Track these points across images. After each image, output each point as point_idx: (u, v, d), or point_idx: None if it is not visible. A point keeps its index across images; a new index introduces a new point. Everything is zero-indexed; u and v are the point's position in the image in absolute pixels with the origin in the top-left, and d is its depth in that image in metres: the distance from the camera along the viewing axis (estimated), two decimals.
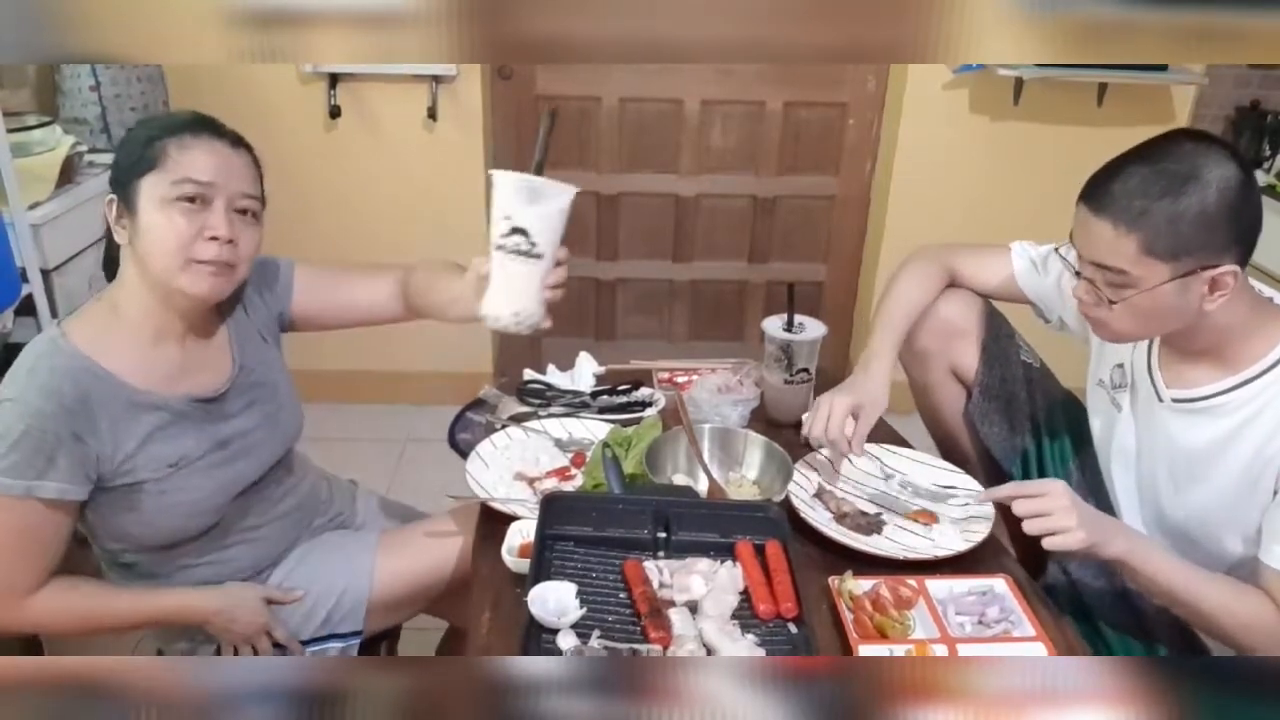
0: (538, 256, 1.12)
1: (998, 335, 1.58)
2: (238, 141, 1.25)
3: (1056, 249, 1.28)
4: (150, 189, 1.17)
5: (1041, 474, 1.54)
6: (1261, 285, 1.29)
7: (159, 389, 1.23)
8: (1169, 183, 1.13)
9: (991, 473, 1.57)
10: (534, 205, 1.12)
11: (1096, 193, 1.18)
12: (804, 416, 1.56)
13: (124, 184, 1.18)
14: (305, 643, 1.39)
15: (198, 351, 1.29)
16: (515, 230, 1.11)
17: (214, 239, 1.18)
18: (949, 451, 1.68)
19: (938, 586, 1.18)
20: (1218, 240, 1.13)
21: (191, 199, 1.17)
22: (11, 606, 1.18)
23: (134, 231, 1.18)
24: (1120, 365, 1.39)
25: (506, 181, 1.11)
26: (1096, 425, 1.46)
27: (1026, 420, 1.57)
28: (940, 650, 1.08)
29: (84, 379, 1.17)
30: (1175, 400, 1.29)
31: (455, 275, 1.33)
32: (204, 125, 1.21)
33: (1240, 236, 1.15)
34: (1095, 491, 1.47)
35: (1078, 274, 1.24)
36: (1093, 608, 1.40)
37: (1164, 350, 1.32)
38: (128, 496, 1.21)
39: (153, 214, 1.16)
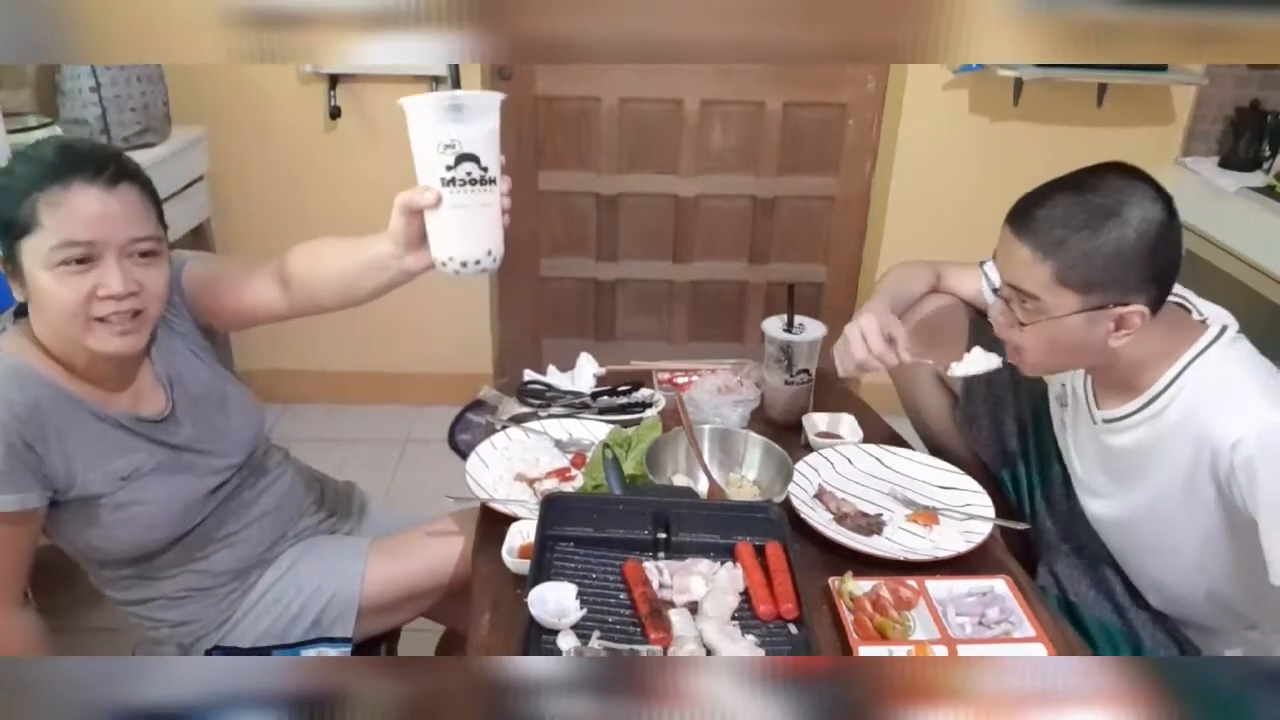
0: (491, 181, 1.01)
1: (982, 338, 1.58)
2: (119, 175, 1.12)
3: (982, 264, 1.31)
4: (32, 253, 1.09)
5: (1028, 475, 1.55)
6: (1184, 294, 1.30)
7: (102, 403, 1.21)
8: (1090, 216, 1.15)
9: (981, 474, 1.57)
10: (471, 124, 0.98)
11: (1021, 216, 1.21)
12: (841, 371, 1.49)
13: (6, 243, 1.11)
14: (295, 645, 1.39)
15: (132, 375, 1.26)
16: (464, 157, 0.98)
17: (110, 297, 1.10)
18: (938, 455, 1.68)
19: (938, 587, 1.18)
20: (1130, 279, 1.15)
21: (79, 259, 1.09)
22: None
23: (28, 293, 1.13)
24: (1064, 384, 1.43)
25: (431, 104, 0.97)
26: (1057, 434, 1.48)
27: (1014, 422, 1.57)
28: (940, 651, 1.08)
29: (31, 385, 1.14)
30: (1105, 420, 1.32)
31: (358, 243, 1.18)
32: (74, 169, 1.09)
33: (1154, 277, 1.17)
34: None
35: (995, 291, 1.27)
36: (1078, 606, 1.41)
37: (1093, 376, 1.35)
38: (84, 511, 1.19)
39: (41, 278, 1.10)
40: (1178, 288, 1.31)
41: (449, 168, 0.99)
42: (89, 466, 1.18)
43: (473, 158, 0.98)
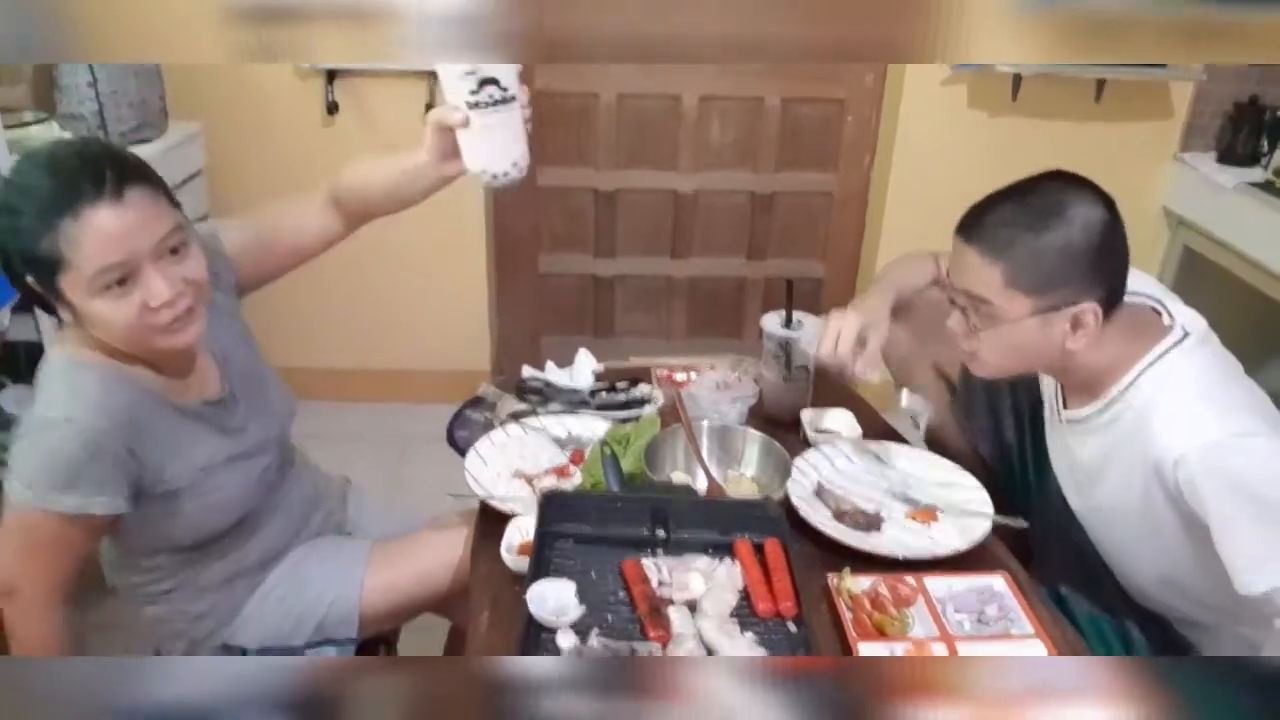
0: (512, 99, 1.12)
1: None
2: (120, 181, 1.07)
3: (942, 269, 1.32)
4: (73, 287, 1.07)
5: (1024, 467, 1.55)
6: (1159, 295, 1.30)
7: (177, 394, 1.23)
8: (1034, 217, 1.17)
9: (979, 468, 1.57)
10: None
11: (970, 223, 1.23)
12: (819, 337, 1.48)
13: (40, 280, 1.10)
14: (301, 648, 1.39)
15: (194, 357, 1.28)
16: (485, 81, 1.09)
17: (163, 305, 1.10)
18: (936, 448, 1.69)
19: (936, 584, 1.18)
20: (1079, 278, 1.17)
21: (119, 281, 1.08)
22: (28, 613, 1.17)
23: (78, 318, 1.12)
24: (1046, 381, 1.44)
25: None
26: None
27: (1011, 415, 1.57)
28: (939, 648, 1.08)
29: (124, 389, 1.15)
30: (1070, 421, 1.33)
31: (395, 157, 1.29)
32: (74, 191, 1.05)
33: (1103, 277, 1.18)
34: None
35: (952, 302, 1.28)
36: (1069, 599, 1.42)
37: None
38: (167, 504, 1.21)
39: (91, 307, 1.09)
40: (1156, 289, 1.31)
41: (473, 92, 1.09)
42: (174, 461, 1.20)
43: (493, 80, 1.09)
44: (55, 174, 1.07)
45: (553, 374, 1.72)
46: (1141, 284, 1.31)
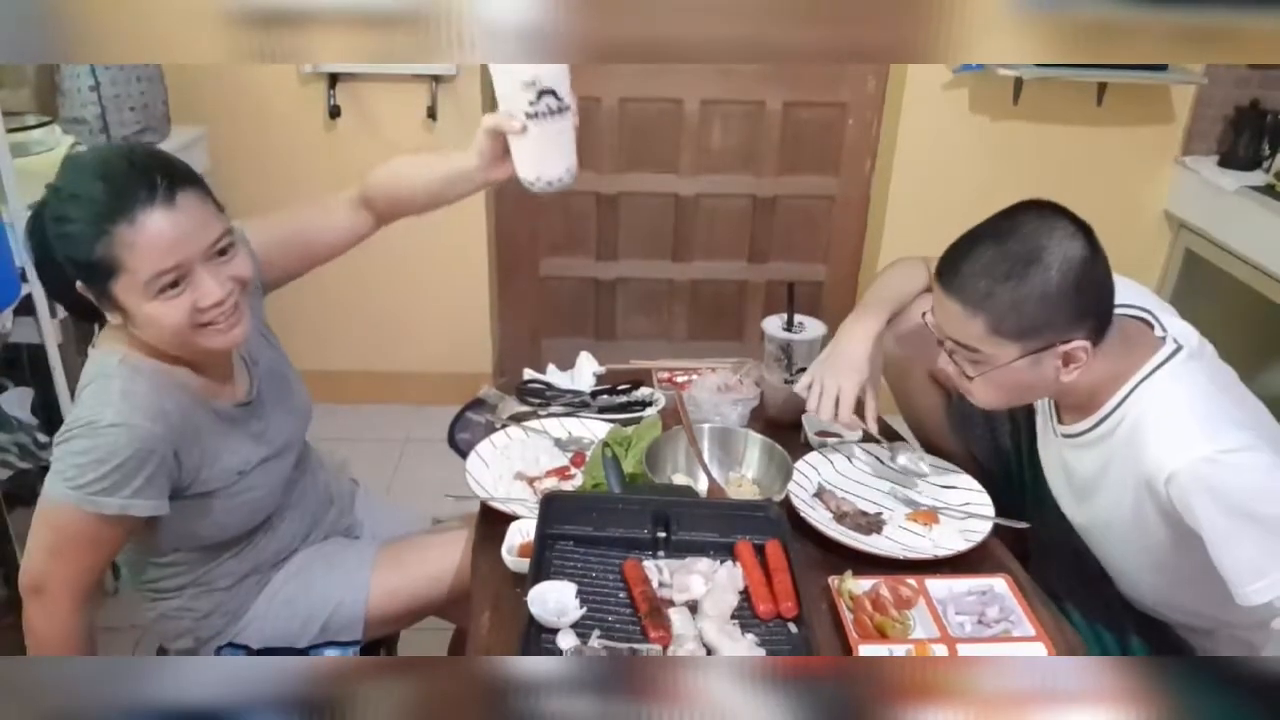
0: (566, 108, 1.17)
1: None
2: (172, 185, 1.08)
3: (924, 315, 1.31)
4: (128, 291, 1.09)
5: (1020, 473, 1.55)
6: (1152, 308, 1.29)
7: (215, 397, 1.24)
8: (1011, 265, 1.15)
9: (976, 472, 1.58)
10: (548, 64, 1.13)
11: (948, 271, 1.21)
12: (800, 387, 1.47)
13: (92, 285, 1.11)
14: (305, 649, 1.39)
15: (230, 359, 1.29)
16: (544, 92, 1.13)
17: (213, 306, 1.12)
18: (933, 454, 1.69)
19: (937, 586, 1.18)
20: (1063, 318, 1.16)
21: (172, 284, 1.09)
22: (53, 612, 1.17)
23: (128, 320, 1.13)
24: None
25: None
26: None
27: (1006, 421, 1.57)
28: (940, 650, 1.08)
29: (178, 394, 1.17)
30: (1064, 435, 1.32)
31: (438, 159, 1.31)
32: (130, 197, 1.05)
33: (1088, 312, 1.17)
34: None
35: (940, 344, 1.27)
36: (1066, 602, 1.42)
37: None
38: (199, 503, 1.22)
39: (145, 309, 1.10)
40: (1150, 301, 1.31)
41: (532, 103, 1.13)
42: (212, 464, 1.21)
43: (551, 91, 1.14)
44: (108, 180, 1.07)
45: (554, 376, 1.73)
46: (1134, 295, 1.30)
